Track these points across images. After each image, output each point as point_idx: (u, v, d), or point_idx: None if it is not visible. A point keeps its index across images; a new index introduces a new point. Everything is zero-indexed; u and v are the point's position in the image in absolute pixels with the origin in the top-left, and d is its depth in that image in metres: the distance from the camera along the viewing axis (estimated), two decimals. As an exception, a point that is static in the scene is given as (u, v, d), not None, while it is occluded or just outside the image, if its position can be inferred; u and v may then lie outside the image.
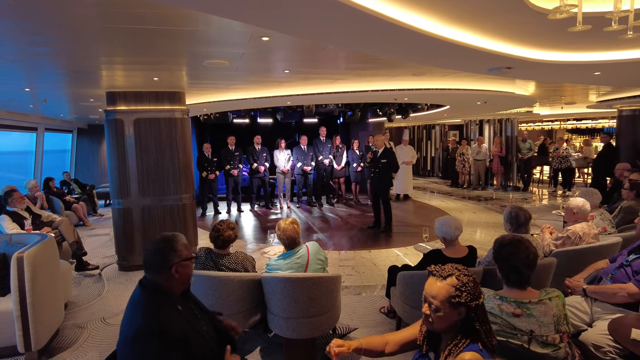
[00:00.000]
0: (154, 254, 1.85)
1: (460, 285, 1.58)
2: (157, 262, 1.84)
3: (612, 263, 2.91)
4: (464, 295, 1.57)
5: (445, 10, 2.91)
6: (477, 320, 1.57)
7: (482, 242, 6.38)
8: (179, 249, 1.87)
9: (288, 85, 6.20)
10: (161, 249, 1.85)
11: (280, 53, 4.10)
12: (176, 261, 1.84)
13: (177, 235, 1.94)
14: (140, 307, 1.78)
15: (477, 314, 1.57)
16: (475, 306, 1.57)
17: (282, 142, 9.50)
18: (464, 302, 1.56)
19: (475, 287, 1.60)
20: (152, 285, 1.83)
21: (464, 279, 1.59)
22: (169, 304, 1.82)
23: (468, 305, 1.56)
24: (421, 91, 6.80)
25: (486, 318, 1.60)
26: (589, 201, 3.86)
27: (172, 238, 1.90)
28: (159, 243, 1.87)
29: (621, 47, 4.10)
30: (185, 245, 1.91)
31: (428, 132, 16.66)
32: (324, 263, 3.29)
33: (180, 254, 1.87)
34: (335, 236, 7.16)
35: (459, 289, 1.58)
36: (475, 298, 1.57)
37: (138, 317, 1.73)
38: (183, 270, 1.87)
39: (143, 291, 1.83)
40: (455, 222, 3.18)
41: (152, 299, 1.79)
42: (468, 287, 1.58)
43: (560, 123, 17.90)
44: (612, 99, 9.40)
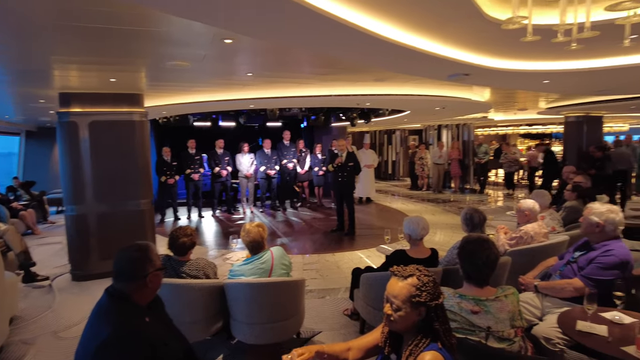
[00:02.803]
0: (129, 262, 1.80)
1: (420, 285, 1.62)
2: (132, 270, 1.79)
3: (560, 260, 3.08)
4: (424, 295, 1.60)
5: (407, 17, 2.99)
6: (437, 319, 1.60)
7: (442, 243, 6.57)
8: (154, 258, 1.85)
9: (251, 88, 6.15)
10: (136, 258, 1.81)
11: (244, 56, 4.06)
12: (151, 270, 1.81)
13: (150, 244, 1.91)
14: (106, 316, 1.72)
15: (436, 314, 1.61)
16: (435, 306, 1.60)
17: (245, 145, 9.39)
18: (423, 302, 1.59)
19: (435, 287, 1.63)
20: (121, 294, 1.77)
21: (424, 279, 1.63)
22: (137, 314, 1.77)
23: (428, 305, 1.60)
24: (383, 96, 6.94)
25: (445, 318, 1.64)
26: (539, 202, 4.08)
27: (147, 247, 1.87)
28: (134, 252, 1.83)
29: (567, 58, 4.37)
30: (157, 256, 1.91)
31: (389, 136, 17.01)
32: (288, 268, 3.27)
33: (155, 263, 1.85)
34: (300, 240, 7.15)
35: (419, 288, 1.61)
36: (435, 298, 1.61)
37: (104, 327, 1.66)
38: (156, 280, 1.85)
39: (110, 300, 1.76)
40: (424, 222, 3.27)
41: (120, 309, 1.74)
42: (428, 287, 1.61)
43: (513, 128, 18.79)
44: (560, 106, 9.98)
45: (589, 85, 6.08)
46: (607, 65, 4.53)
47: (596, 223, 2.77)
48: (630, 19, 2.29)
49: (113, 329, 1.65)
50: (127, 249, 1.85)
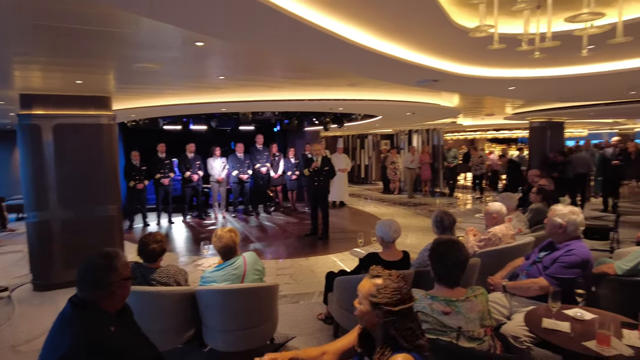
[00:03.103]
0: (93, 270, 1.74)
1: (382, 287, 1.63)
2: (95, 279, 1.72)
3: (526, 260, 3.19)
4: (379, 297, 1.61)
5: (378, 24, 3.04)
6: (392, 325, 1.59)
7: (413, 245, 6.67)
8: (119, 267, 1.79)
9: (223, 92, 6.09)
10: (101, 266, 1.75)
11: (216, 59, 4.02)
12: (116, 279, 1.75)
13: (118, 251, 1.85)
14: (69, 326, 1.65)
15: (392, 320, 1.60)
16: (390, 311, 1.60)
17: (217, 149, 9.27)
18: (377, 303, 1.61)
19: (395, 294, 1.62)
20: (85, 303, 1.71)
21: (387, 282, 1.64)
22: (103, 323, 1.70)
23: (383, 309, 1.60)
24: (355, 102, 7.02)
25: (405, 325, 1.60)
26: (506, 205, 4.22)
27: (114, 255, 1.81)
28: (99, 259, 1.76)
29: (531, 66, 4.55)
30: (125, 264, 1.84)
31: (362, 141, 17.19)
32: (261, 273, 3.24)
33: (121, 272, 1.79)
34: (273, 245, 7.11)
35: (379, 289, 1.63)
36: (392, 304, 1.60)
37: (66, 338, 1.59)
38: (122, 289, 1.80)
39: (74, 310, 1.69)
40: (395, 225, 3.31)
41: (84, 318, 1.67)
42: (387, 291, 1.62)
43: (481, 133, 19.38)
44: (525, 112, 10.37)
45: (551, 92, 6.35)
46: (567, 74, 4.75)
47: (559, 224, 2.89)
48: (587, 31, 2.41)
49: (74, 340, 1.58)
50: (92, 256, 1.78)
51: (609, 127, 18.96)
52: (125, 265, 1.84)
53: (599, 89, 6.03)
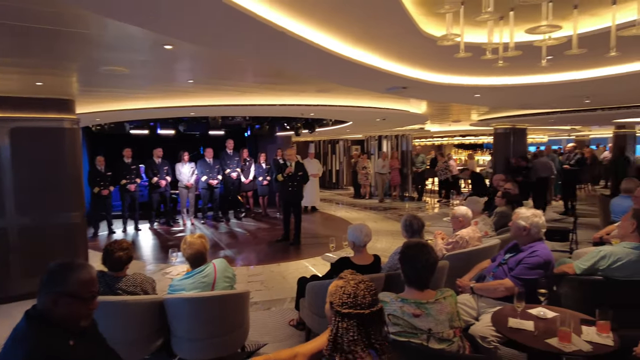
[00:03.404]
0: (46, 275, 1.63)
1: (339, 287, 1.66)
2: (46, 285, 1.61)
3: (493, 262, 3.29)
4: (332, 296, 1.66)
5: (348, 31, 3.08)
6: (334, 326, 1.62)
7: (384, 249, 6.75)
8: (71, 282, 1.62)
9: (193, 96, 5.99)
10: (53, 272, 1.63)
11: (185, 62, 3.96)
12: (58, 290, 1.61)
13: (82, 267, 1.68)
14: (23, 341, 1.54)
15: (336, 320, 1.61)
16: (339, 312, 1.61)
17: (186, 154, 9.08)
18: (331, 302, 1.65)
19: (347, 298, 1.62)
20: (40, 315, 1.59)
21: (343, 284, 1.67)
22: (59, 337, 1.59)
23: (334, 307, 1.63)
24: (326, 107, 7.07)
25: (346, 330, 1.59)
26: (472, 209, 4.35)
27: (71, 267, 1.66)
28: (55, 266, 1.65)
29: (495, 74, 4.72)
30: (83, 283, 1.64)
31: (333, 146, 17.30)
32: (232, 280, 3.20)
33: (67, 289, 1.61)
34: (244, 251, 7.02)
35: (336, 289, 1.66)
36: (339, 305, 1.62)
37: (19, 353, 1.49)
38: (68, 309, 1.61)
39: (29, 323, 1.58)
40: (367, 229, 3.34)
41: (37, 331, 1.56)
42: (339, 292, 1.64)
43: (448, 139, 19.91)
44: (490, 118, 10.74)
45: (513, 99, 6.61)
46: (528, 82, 4.96)
47: (523, 227, 3.00)
48: (546, 42, 2.53)
49: (27, 356, 1.49)
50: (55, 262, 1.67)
51: (567, 134, 19.92)
52: (83, 284, 1.64)
53: (558, 97, 6.33)
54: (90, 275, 1.70)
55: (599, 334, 2.23)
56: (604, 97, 6.39)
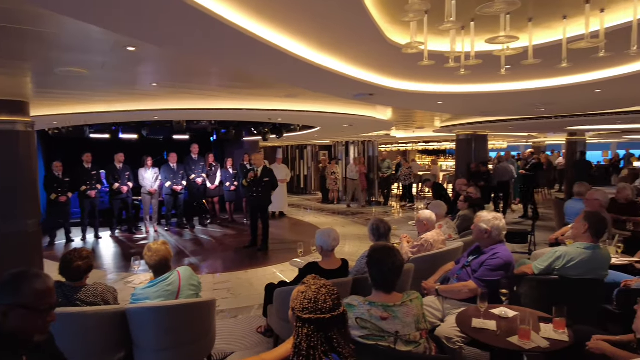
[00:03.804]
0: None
1: (300, 292, 1.67)
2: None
3: (457, 265, 3.39)
4: (294, 302, 1.66)
5: (315, 37, 3.10)
6: (295, 332, 1.62)
7: (351, 253, 6.80)
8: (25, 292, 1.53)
9: (156, 99, 5.84)
10: (5, 282, 1.54)
11: (148, 65, 3.86)
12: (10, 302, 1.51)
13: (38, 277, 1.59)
14: None
15: (297, 326, 1.62)
16: (297, 316, 1.62)
17: (149, 159, 8.81)
18: (293, 307, 1.65)
19: (307, 303, 1.62)
20: None
21: (304, 289, 1.67)
22: (10, 352, 1.50)
23: (294, 312, 1.64)
24: (294, 112, 7.07)
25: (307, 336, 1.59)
26: (436, 212, 4.46)
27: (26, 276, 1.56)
28: (7, 276, 1.55)
29: (457, 82, 4.89)
30: (38, 293, 1.55)
31: (301, 151, 17.31)
32: (197, 288, 3.12)
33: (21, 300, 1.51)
34: (210, 259, 6.89)
35: (298, 294, 1.66)
36: (299, 309, 1.63)
37: None
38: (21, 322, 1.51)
39: None
40: (334, 234, 3.35)
41: None
42: (300, 297, 1.65)
43: (413, 145, 20.39)
44: (452, 125, 11.08)
45: (474, 106, 6.86)
46: (489, 90, 5.16)
47: (485, 229, 3.10)
48: (505, 52, 2.65)
49: None
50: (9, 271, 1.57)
51: (525, 140, 20.86)
52: (40, 295, 1.55)
53: (516, 105, 6.62)
54: (47, 285, 1.61)
55: (556, 331, 2.34)
56: (558, 106, 6.74)
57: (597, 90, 4.99)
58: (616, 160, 17.63)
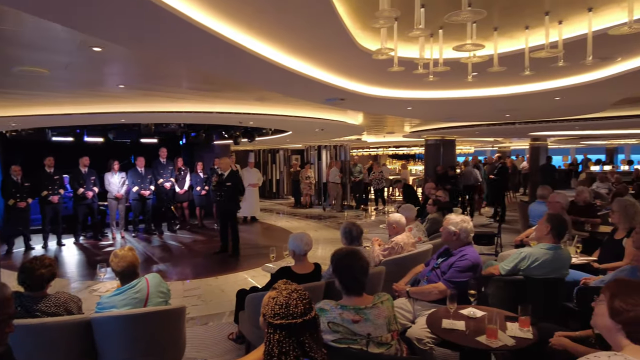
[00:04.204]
0: None
1: (272, 297, 1.64)
2: None
3: (426, 267, 3.45)
4: (266, 308, 1.63)
5: (286, 41, 3.11)
6: (268, 339, 1.60)
7: (324, 257, 6.81)
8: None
9: (124, 101, 5.68)
10: None
11: (115, 66, 3.76)
12: None
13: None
14: None
15: (268, 332, 1.60)
16: (269, 322, 1.60)
17: (116, 163, 8.54)
18: (264, 314, 1.63)
19: (279, 308, 1.61)
20: None
21: (275, 294, 1.64)
22: None
23: (266, 318, 1.61)
24: (266, 116, 7.04)
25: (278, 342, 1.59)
26: (406, 215, 4.53)
27: None
28: None
29: (426, 88, 5.00)
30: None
31: (273, 155, 17.23)
32: (166, 295, 3.04)
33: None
34: (179, 265, 6.73)
35: (269, 300, 1.64)
36: (270, 316, 1.60)
37: None
38: None
39: None
40: (307, 238, 3.35)
41: None
42: (271, 303, 1.62)
43: (383, 149, 20.69)
44: (421, 130, 11.32)
45: (442, 112, 7.04)
46: (456, 97, 5.31)
47: (453, 232, 3.18)
48: (472, 59, 2.74)
49: None
50: None
51: (491, 145, 21.56)
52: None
53: (483, 111, 6.84)
54: (4, 295, 1.55)
55: (521, 329, 2.42)
56: (521, 112, 7.01)
57: (557, 97, 5.23)
58: (575, 165, 18.48)
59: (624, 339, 1.46)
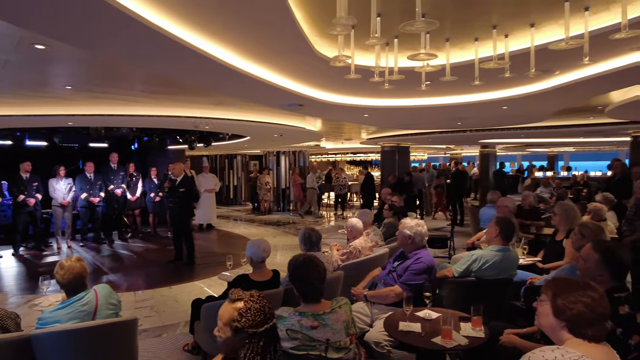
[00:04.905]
0: None
1: (244, 310, 1.58)
2: None
3: (383, 270, 3.51)
4: (243, 321, 1.56)
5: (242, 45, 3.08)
6: (250, 348, 1.56)
7: (283, 264, 6.72)
8: None
9: (71, 103, 5.39)
10: None
11: (62, 66, 3.56)
12: None
13: None
14: None
15: (251, 342, 1.56)
16: (255, 333, 1.56)
17: (62, 169, 8.05)
18: (242, 328, 1.56)
19: (259, 315, 1.59)
20: None
21: (249, 305, 1.60)
22: None
23: (247, 332, 1.56)
24: (223, 121, 6.92)
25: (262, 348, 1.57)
26: (363, 220, 4.60)
27: None
28: None
29: (382, 96, 5.12)
30: None
31: (230, 161, 16.96)
32: (117, 307, 2.89)
33: None
34: (131, 275, 6.44)
35: (241, 313, 1.57)
36: (256, 326, 1.57)
37: None
38: None
39: None
40: (265, 244, 3.30)
41: None
42: (249, 313, 1.58)
43: (341, 156, 20.95)
44: (378, 137, 11.58)
45: (397, 119, 7.23)
46: (411, 105, 5.47)
47: (408, 235, 3.26)
48: (425, 68, 2.83)
49: None
50: None
51: (444, 152, 22.41)
52: None
53: (436, 119, 7.10)
54: None
55: (474, 328, 2.51)
56: (472, 120, 7.34)
57: (504, 107, 5.52)
58: (522, 171, 19.56)
59: (567, 334, 1.54)
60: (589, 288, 1.56)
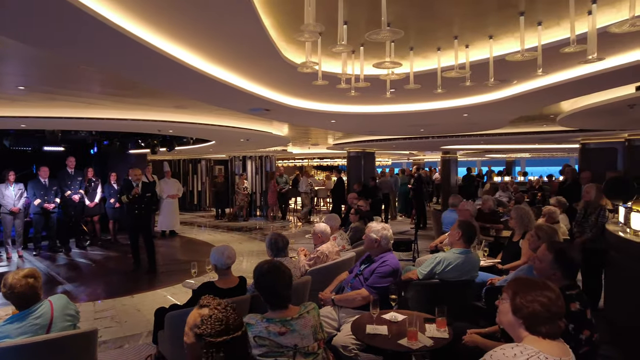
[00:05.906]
0: None
1: (206, 317, 1.56)
2: None
3: (350, 274, 3.54)
4: (203, 327, 1.54)
5: (207, 49, 3.04)
6: (208, 358, 1.53)
7: (249, 270, 6.62)
8: None
9: (24, 105, 5.12)
10: None
11: (13, 64, 3.38)
12: None
13: None
14: None
15: (209, 352, 1.53)
16: (211, 342, 1.53)
17: (11, 174, 7.59)
18: (201, 335, 1.53)
19: (219, 325, 1.55)
20: None
21: (213, 312, 1.57)
22: None
23: (205, 340, 1.53)
24: (186, 124, 6.78)
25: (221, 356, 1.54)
26: (330, 225, 4.63)
27: None
28: None
29: (348, 102, 5.19)
30: None
31: (194, 166, 16.61)
32: (74, 318, 2.76)
33: None
34: (89, 285, 6.17)
35: (204, 320, 1.55)
36: (214, 335, 1.54)
37: None
38: None
39: None
40: (229, 251, 3.25)
41: None
42: (210, 321, 1.55)
43: (308, 160, 21.01)
44: (344, 143, 11.70)
45: (363, 125, 7.35)
46: (376, 111, 5.58)
47: (375, 239, 3.31)
48: (390, 76, 2.90)
49: None
50: None
51: (407, 158, 22.93)
52: None
53: (400, 126, 7.26)
54: None
55: (438, 329, 2.58)
56: (434, 127, 7.57)
57: (465, 114, 5.73)
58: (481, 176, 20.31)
59: (524, 331, 1.62)
60: (546, 288, 1.64)
